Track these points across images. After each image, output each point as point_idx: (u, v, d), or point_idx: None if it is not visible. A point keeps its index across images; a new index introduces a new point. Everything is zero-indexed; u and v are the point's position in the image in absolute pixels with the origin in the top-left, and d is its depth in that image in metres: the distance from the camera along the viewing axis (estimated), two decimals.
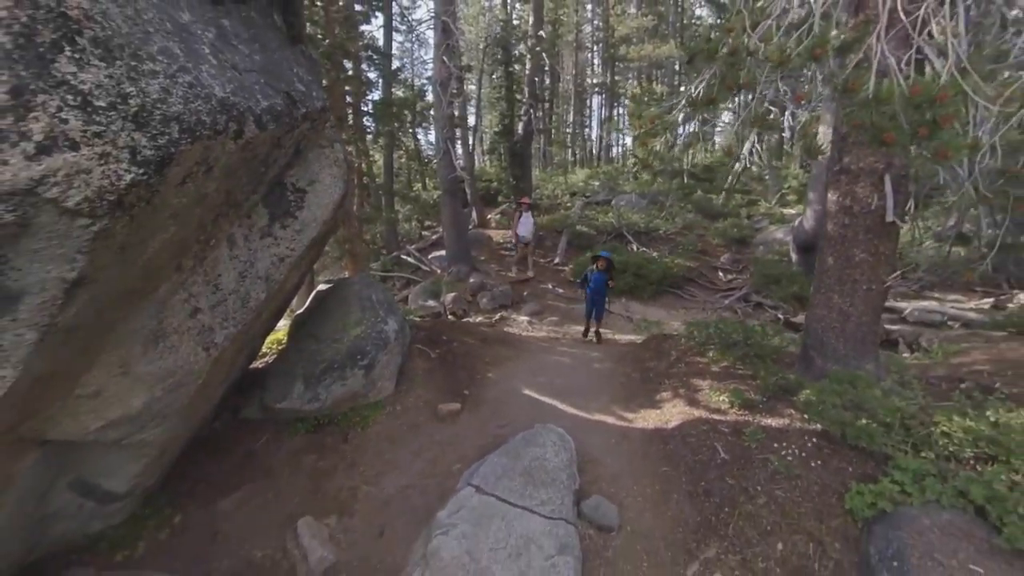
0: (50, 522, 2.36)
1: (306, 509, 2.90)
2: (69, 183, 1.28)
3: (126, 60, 1.41)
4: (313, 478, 3.13)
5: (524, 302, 6.80)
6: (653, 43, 16.71)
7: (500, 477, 2.96)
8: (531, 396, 4.21)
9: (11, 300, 1.45)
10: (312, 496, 3.00)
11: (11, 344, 1.50)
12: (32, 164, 1.22)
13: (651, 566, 2.65)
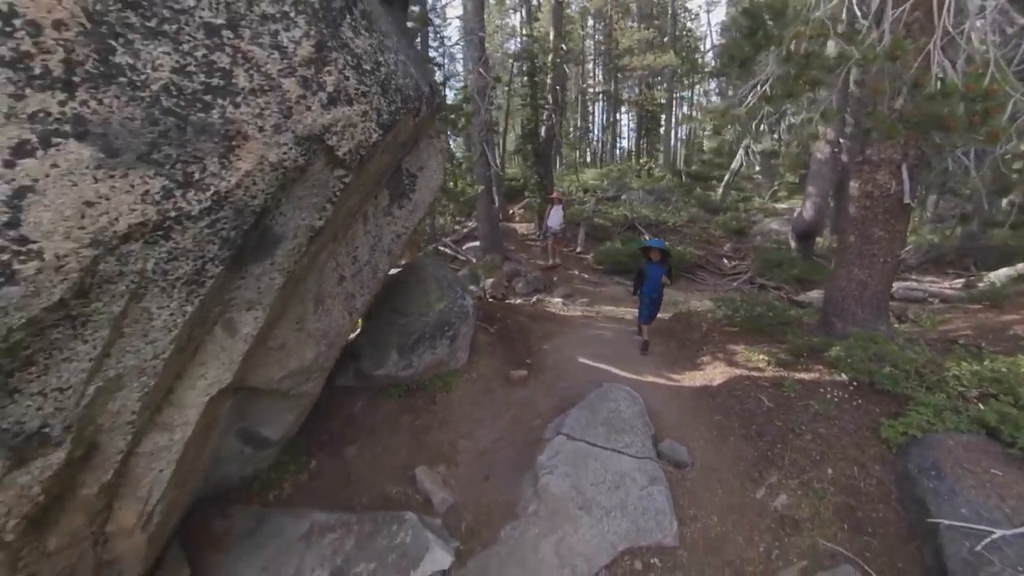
0: (218, 465, 2.62)
1: (415, 460, 3.20)
2: (342, 134, 1.56)
3: (377, 34, 1.70)
4: (413, 435, 3.43)
5: (555, 286, 7.16)
6: (654, 53, 17.41)
7: (585, 427, 3.31)
8: (585, 363, 4.57)
9: (273, 244, 1.70)
10: (416, 449, 3.30)
11: (266, 287, 1.77)
12: (324, 113, 1.49)
13: (725, 492, 3.04)
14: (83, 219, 0.95)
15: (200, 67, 1.20)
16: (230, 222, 1.28)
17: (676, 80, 21.99)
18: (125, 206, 1.02)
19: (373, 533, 2.40)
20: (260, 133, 1.31)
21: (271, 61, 1.33)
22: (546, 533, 2.57)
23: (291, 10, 1.39)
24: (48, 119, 0.93)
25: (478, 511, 2.81)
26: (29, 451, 1.05)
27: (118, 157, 1.02)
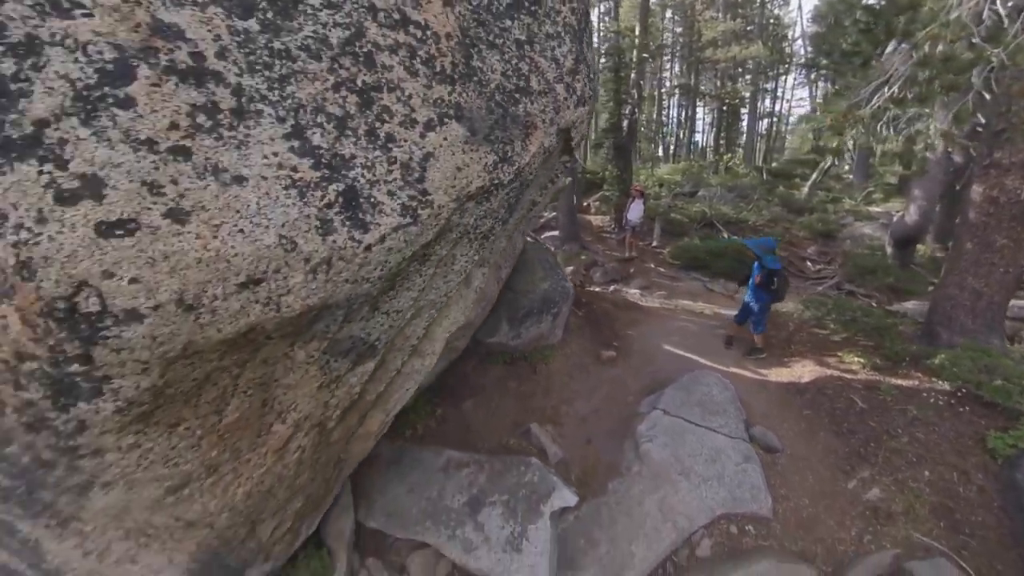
0: None
1: (524, 419, 3.62)
2: (578, 128, 1.96)
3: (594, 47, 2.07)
4: (519, 397, 3.86)
5: (631, 278, 7.34)
6: (739, 45, 16.62)
7: (680, 405, 3.57)
8: (671, 351, 4.78)
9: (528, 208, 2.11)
10: (524, 410, 3.72)
11: (495, 247, 2.18)
12: (574, 111, 1.90)
13: (815, 480, 3.19)
14: (455, 180, 1.33)
15: (514, 72, 1.63)
16: (515, 192, 1.72)
17: (760, 72, 20.81)
18: (475, 173, 1.40)
19: (503, 471, 2.85)
20: (543, 124, 1.73)
21: (550, 70, 1.75)
22: (649, 491, 2.89)
23: (562, 31, 1.81)
24: (442, 104, 1.33)
25: (584, 467, 3.19)
26: (363, 358, 1.52)
27: (476, 136, 1.42)
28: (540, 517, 2.52)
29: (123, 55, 0.77)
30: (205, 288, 0.85)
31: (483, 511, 2.60)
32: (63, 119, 0.72)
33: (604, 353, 4.56)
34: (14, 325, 0.74)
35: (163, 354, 0.88)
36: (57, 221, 0.72)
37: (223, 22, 0.92)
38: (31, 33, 0.70)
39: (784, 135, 29.55)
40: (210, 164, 0.85)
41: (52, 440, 0.90)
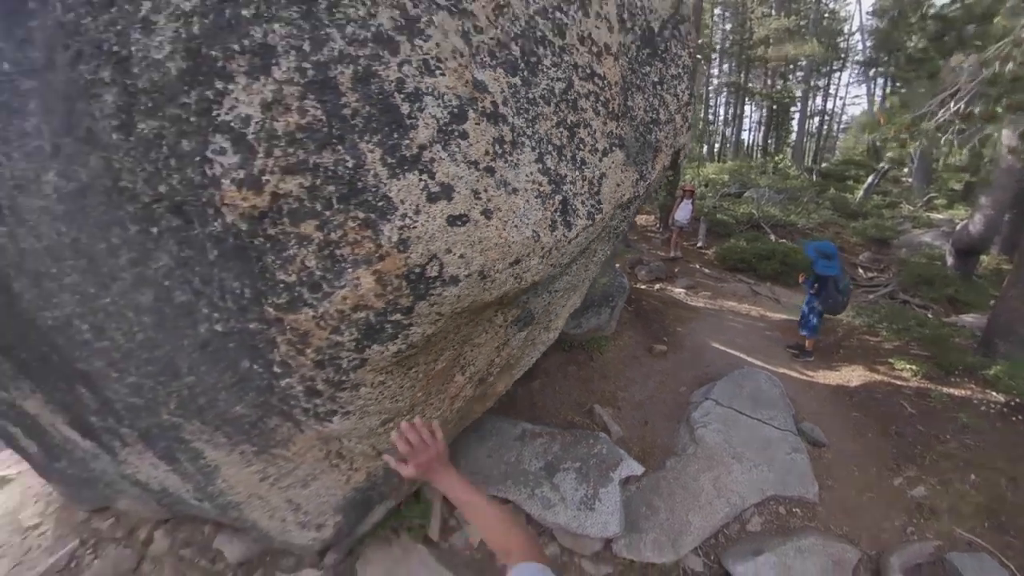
0: None
1: (586, 400, 3.96)
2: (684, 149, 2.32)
3: None
4: (580, 381, 4.19)
5: (676, 277, 7.49)
6: (793, 43, 16.07)
7: (732, 397, 3.81)
8: (720, 348, 4.99)
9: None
10: (585, 393, 4.05)
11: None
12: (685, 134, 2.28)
13: (861, 474, 3.37)
14: (615, 193, 1.68)
15: (650, 108, 1.97)
16: (639, 200, 2.07)
17: (814, 69, 19.94)
18: (626, 187, 1.76)
19: (574, 443, 3.19)
20: (666, 148, 2.07)
21: (672, 104, 2.08)
22: (704, 470, 3.18)
23: (682, 71, 2.14)
24: (612, 136, 1.68)
25: (643, 445, 3.50)
26: (525, 326, 1.94)
27: (629, 159, 1.78)
28: (610, 482, 2.85)
29: (461, 102, 1.12)
30: (495, 264, 1.22)
31: (558, 475, 2.96)
32: (432, 145, 1.07)
33: (655, 346, 4.82)
34: (366, 284, 1.07)
35: (453, 310, 1.24)
36: (426, 213, 1.07)
37: (504, 79, 1.26)
38: (417, 86, 1.05)
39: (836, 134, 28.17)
40: (502, 179, 1.19)
41: (330, 374, 1.29)
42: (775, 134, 22.48)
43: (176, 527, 2.94)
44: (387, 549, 2.79)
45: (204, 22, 1.00)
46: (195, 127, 1.05)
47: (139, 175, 1.13)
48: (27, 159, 1.30)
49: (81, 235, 1.35)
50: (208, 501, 2.30)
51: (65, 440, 2.41)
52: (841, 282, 4.56)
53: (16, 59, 1.19)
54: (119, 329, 1.55)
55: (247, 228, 1.10)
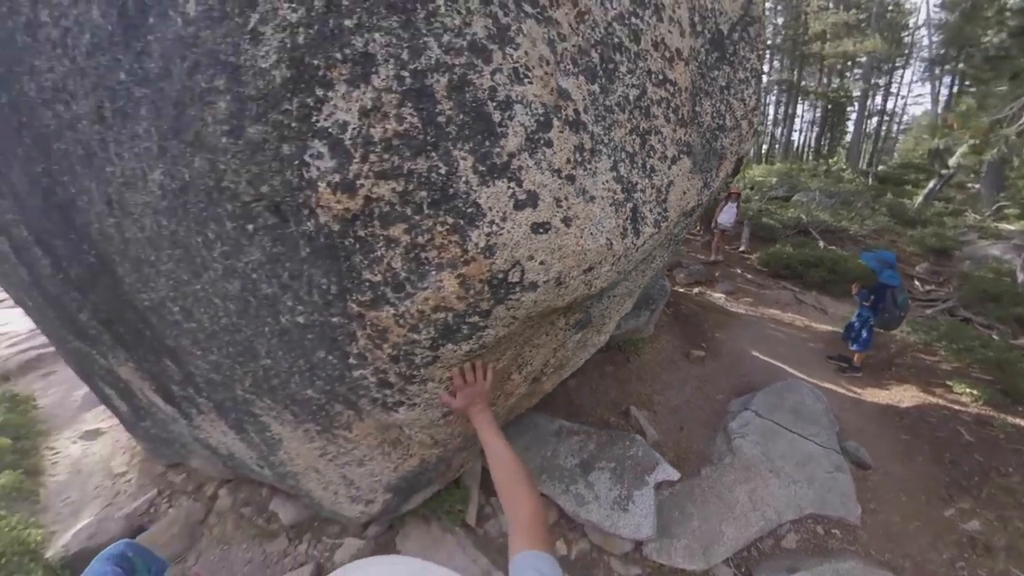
0: None
1: (621, 401, 3.93)
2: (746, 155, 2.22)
3: None
4: (617, 382, 4.15)
5: (716, 282, 7.25)
6: (852, 38, 14.94)
7: (772, 409, 3.68)
8: (760, 357, 4.82)
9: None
10: (621, 393, 4.02)
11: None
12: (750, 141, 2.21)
13: (908, 501, 3.20)
14: (681, 200, 1.66)
15: (717, 114, 1.91)
16: (702, 208, 2.03)
17: (874, 67, 18.43)
18: (691, 195, 1.73)
19: (609, 443, 3.19)
20: (730, 155, 2.01)
21: (739, 109, 2.01)
22: (740, 481, 3.10)
23: (750, 75, 2.06)
24: (680, 143, 1.66)
25: (678, 451, 3.45)
26: (583, 329, 1.97)
27: (695, 167, 1.75)
28: (645, 485, 2.84)
29: (546, 110, 1.12)
30: (571, 271, 1.22)
31: (593, 473, 2.97)
32: (521, 153, 1.07)
33: (693, 352, 4.70)
34: (449, 287, 1.10)
35: (527, 315, 1.26)
36: (512, 220, 1.08)
37: (584, 86, 1.26)
38: (507, 94, 1.06)
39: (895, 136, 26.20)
40: (581, 187, 1.19)
41: (403, 368, 1.34)
42: (829, 135, 21.16)
43: (238, 487, 3.17)
44: (425, 528, 2.90)
45: (308, 32, 1.03)
46: (295, 132, 1.08)
47: (243, 176, 1.18)
48: (136, 159, 1.39)
49: (179, 228, 1.44)
50: (269, 468, 2.45)
51: (150, 404, 2.62)
52: (900, 295, 4.30)
53: (132, 69, 1.26)
54: (206, 313, 1.66)
55: (339, 229, 1.14)
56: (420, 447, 1.86)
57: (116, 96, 1.34)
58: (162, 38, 1.18)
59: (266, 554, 2.84)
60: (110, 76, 1.32)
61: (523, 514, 0.96)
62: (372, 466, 2.06)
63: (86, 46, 1.35)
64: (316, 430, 1.88)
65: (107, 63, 1.32)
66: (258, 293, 1.43)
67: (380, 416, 1.59)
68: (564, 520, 2.96)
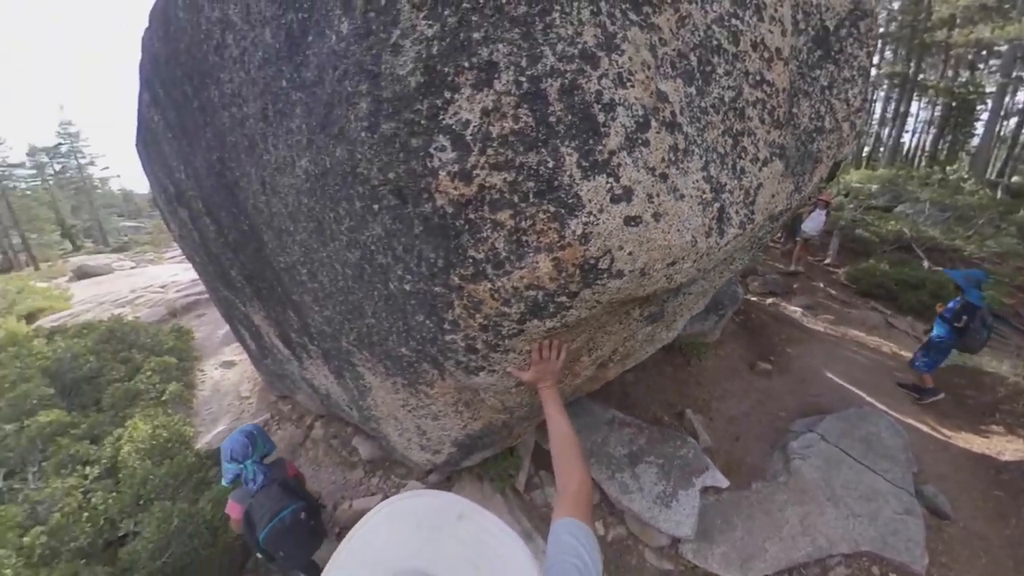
0: None
1: (677, 402, 3.83)
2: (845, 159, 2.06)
3: None
4: (675, 383, 4.05)
5: (794, 294, 6.66)
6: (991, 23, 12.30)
7: (840, 436, 3.39)
8: (834, 381, 4.41)
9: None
10: (678, 394, 3.92)
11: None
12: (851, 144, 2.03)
13: (989, 563, 2.81)
14: (769, 204, 1.59)
15: (816, 115, 1.79)
16: (790, 212, 1.93)
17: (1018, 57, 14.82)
18: (780, 199, 1.66)
19: (660, 440, 3.16)
20: (826, 159, 1.89)
21: (841, 110, 1.86)
22: (793, 503, 2.93)
23: (856, 74, 1.89)
24: (773, 145, 1.59)
25: (730, 460, 3.32)
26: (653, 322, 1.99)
27: (787, 170, 1.67)
28: (691, 487, 2.79)
29: (645, 112, 1.16)
30: (655, 264, 1.26)
31: (640, 466, 2.97)
32: (620, 151, 1.13)
33: (759, 364, 4.42)
34: (544, 268, 1.20)
35: (610, 300, 1.33)
36: (607, 212, 1.14)
37: (682, 89, 1.28)
38: (612, 97, 1.11)
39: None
40: (672, 185, 1.22)
41: (490, 337, 1.45)
42: (949, 137, 17.97)
43: (329, 422, 3.64)
44: (478, 485, 3.11)
45: (441, 44, 1.13)
46: (424, 128, 1.20)
47: (375, 164, 1.33)
48: (288, 149, 1.62)
49: (316, 205, 1.65)
50: (357, 411, 2.76)
51: (272, 346, 3.05)
52: (987, 318, 3.82)
53: (292, 78, 1.47)
54: (327, 276, 1.89)
55: (452, 211, 1.25)
56: (489, 411, 2.00)
57: (278, 99, 1.57)
58: (318, 52, 1.35)
59: (346, 480, 3.23)
60: (274, 84, 1.55)
61: (573, 487, 1.01)
62: (444, 421, 2.24)
63: (258, 61, 1.59)
64: (403, 383, 2.08)
65: (273, 73, 1.54)
66: (373, 262, 1.61)
67: (461, 378, 1.73)
68: (606, 504, 3.01)
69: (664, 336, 2.32)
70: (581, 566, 0.78)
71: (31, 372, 4.97)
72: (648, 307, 1.75)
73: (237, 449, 2.30)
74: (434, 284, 1.44)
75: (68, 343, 5.72)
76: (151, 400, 4.36)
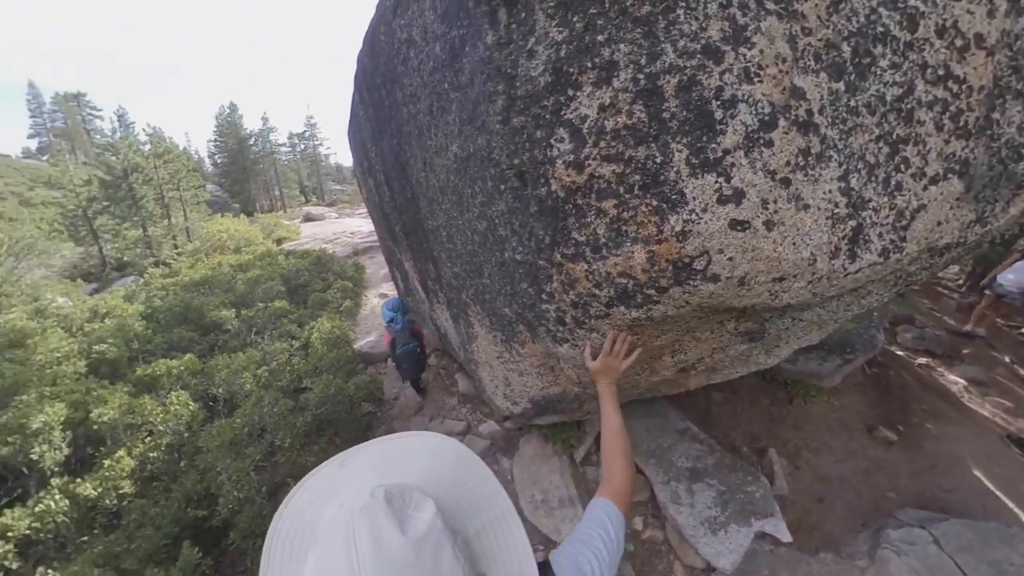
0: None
1: (761, 437, 3.28)
2: None
3: None
4: (765, 417, 3.47)
5: (961, 361, 4.96)
6: None
7: (961, 549, 2.48)
8: (980, 479, 3.23)
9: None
10: (765, 431, 3.36)
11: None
12: None
13: None
14: (930, 233, 1.21)
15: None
16: (964, 249, 1.41)
17: None
18: (950, 229, 1.25)
19: (729, 468, 2.77)
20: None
21: None
22: None
23: None
24: (952, 159, 1.20)
25: (803, 520, 2.75)
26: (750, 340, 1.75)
27: (968, 193, 1.24)
28: (748, 526, 2.41)
29: (773, 109, 1.01)
30: (758, 276, 1.11)
31: (699, 484, 2.67)
32: (736, 151, 1.01)
33: (880, 429, 3.48)
34: (638, 258, 1.14)
35: (700, 303, 1.22)
36: (712, 212, 1.04)
37: (825, 84, 1.07)
38: (734, 93, 1.00)
39: None
40: (795, 192, 1.05)
41: (578, 314, 1.46)
42: None
43: (441, 356, 4.15)
44: (543, 443, 3.18)
45: (569, 48, 1.13)
46: (547, 122, 1.23)
47: (504, 151, 1.42)
48: (444, 137, 1.83)
49: (459, 182, 1.84)
50: (463, 352, 3.04)
51: (414, 288, 3.56)
52: None
53: (451, 81, 1.63)
54: (460, 239, 2.11)
55: (563, 196, 1.27)
56: (566, 381, 2.02)
57: (440, 98, 1.77)
58: (471, 60, 1.48)
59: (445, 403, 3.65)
60: (439, 86, 1.75)
61: (616, 481, 1.00)
62: (527, 379, 2.34)
63: (429, 68, 1.80)
64: (501, 338, 2.23)
65: (438, 78, 1.74)
66: (495, 233, 1.74)
67: (548, 344, 1.78)
68: (652, 504, 2.80)
69: (762, 360, 2.00)
70: (606, 538, 0.79)
71: (274, 275, 6.86)
72: (746, 322, 1.52)
73: (396, 304, 3.84)
74: (539, 258, 1.50)
75: (295, 261, 7.89)
76: (333, 308, 5.62)
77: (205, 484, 2.98)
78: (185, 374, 4.07)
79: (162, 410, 3.40)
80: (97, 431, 3.25)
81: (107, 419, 3.21)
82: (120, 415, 3.26)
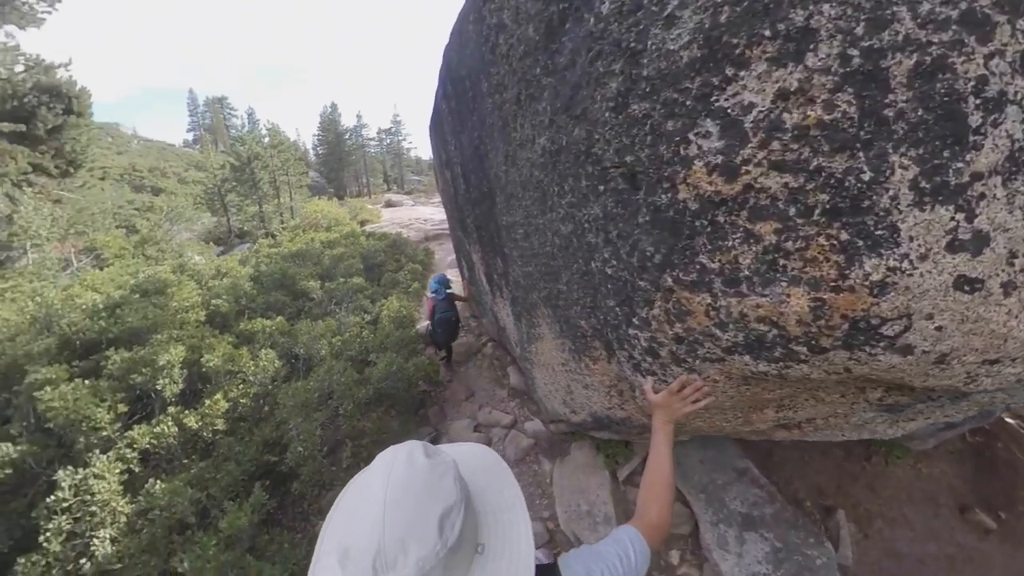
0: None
1: (830, 495, 2.70)
2: None
3: None
4: (839, 472, 2.84)
5: None
6: None
7: None
8: None
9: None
10: (835, 488, 2.76)
11: None
12: None
13: None
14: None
15: None
16: None
17: None
18: None
19: (790, 524, 2.29)
20: None
21: None
22: None
23: None
24: None
25: None
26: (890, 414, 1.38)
27: None
28: None
29: None
30: (966, 355, 0.74)
31: (751, 534, 2.22)
32: (991, 176, 0.66)
33: (976, 512, 2.71)
34: (795, 305, 0.79)
35: (864, 373, 0.87)
36: (933, 262, 0.68)
37: None
38: (1002, 90, 0.64)
39: None
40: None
41: (680, 351, 1.10)
42: None
43: (496, 347, 3.99)
44: (591, 453, 2.88)
45: (735, 10, 0.78)
46: (687, 110, 0.90)
47: (612, 145, 1.12)
48: (532, 128, 1.56)
49: (545, 178, 1.57)
50: (520, 349, 2.81)
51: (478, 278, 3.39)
52: None
53: (545, 65, 1.34)
54: (538, 240, 1.85)
55: (696, 208, 0.94)
56: (634, 408, 1.71)
57: (530, 85, 1.49)
58: (574, 37, 1.17)
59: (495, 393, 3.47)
60: (529, 72, 1.47)
61: (651, 517, 0.88)
62: (591, 393, 2.05)
63: (519, 53, 1.52)
64: (570, 347, 1.96)
65: (529, 63, 1.46)
66: (583, 238, 1.46)
67: (626, 371, 1.48)
68: (694, 540, 2.39)
69: (881, 431, 1.55)
70: (624, 560, 0.72)
71: (355, 253, 7.13)
72: (898, 396, 1.11)
73: (442, 279, 3.93)
74: (640, 278, 1.19)
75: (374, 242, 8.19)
76: (403, 288, 5.65)
77: (279, 434, 3.09)
78: (276, 333, 4.30)
79: (254, 363, 3.58)
80: (205, 373, 3.49)
81: (212, 364, 3.45)
82: (223, 362, 3.49)
